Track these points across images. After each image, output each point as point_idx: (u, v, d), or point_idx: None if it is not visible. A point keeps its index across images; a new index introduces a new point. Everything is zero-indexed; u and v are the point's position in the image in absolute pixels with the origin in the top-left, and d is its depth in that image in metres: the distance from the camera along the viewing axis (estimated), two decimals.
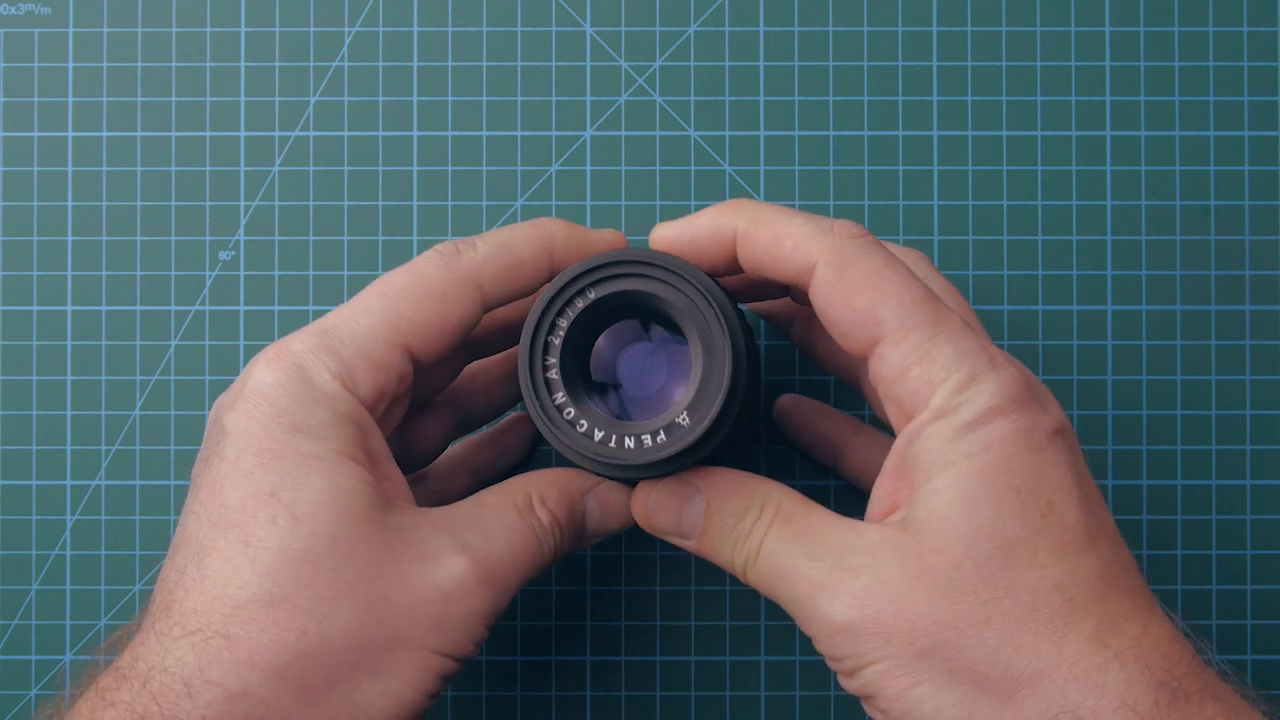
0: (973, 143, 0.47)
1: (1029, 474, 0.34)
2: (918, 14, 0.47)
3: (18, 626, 0.46)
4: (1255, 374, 0.47)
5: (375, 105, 0.47)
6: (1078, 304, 0.47)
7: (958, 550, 0.34)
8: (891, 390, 0.35)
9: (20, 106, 0.47)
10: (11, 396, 0.47)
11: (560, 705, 0.47)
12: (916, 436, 0.35)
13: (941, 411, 0.34)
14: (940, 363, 0.35)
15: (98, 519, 0.47)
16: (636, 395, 0.39)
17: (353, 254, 0.47)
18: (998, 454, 0.34)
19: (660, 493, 0.38)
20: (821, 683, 0.46)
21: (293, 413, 0.35)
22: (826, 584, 0.35)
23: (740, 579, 0.37)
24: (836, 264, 0.35)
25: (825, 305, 0.36)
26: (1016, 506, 0.34)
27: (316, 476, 0.34)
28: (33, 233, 0.47)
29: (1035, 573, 0.33)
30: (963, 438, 0.34)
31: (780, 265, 0.36)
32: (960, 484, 0.34)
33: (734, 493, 0.37)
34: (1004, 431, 0.34)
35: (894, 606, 0.34)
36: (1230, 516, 0.46)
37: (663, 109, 0.47)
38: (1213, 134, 0.47)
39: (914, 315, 0.35)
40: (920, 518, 0.34)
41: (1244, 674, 0.46)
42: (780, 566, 0.36)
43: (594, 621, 0.47)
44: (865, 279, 0.35)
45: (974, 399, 0.34)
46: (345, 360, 0.36)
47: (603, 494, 0.40)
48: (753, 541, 0.36)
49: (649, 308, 0.37)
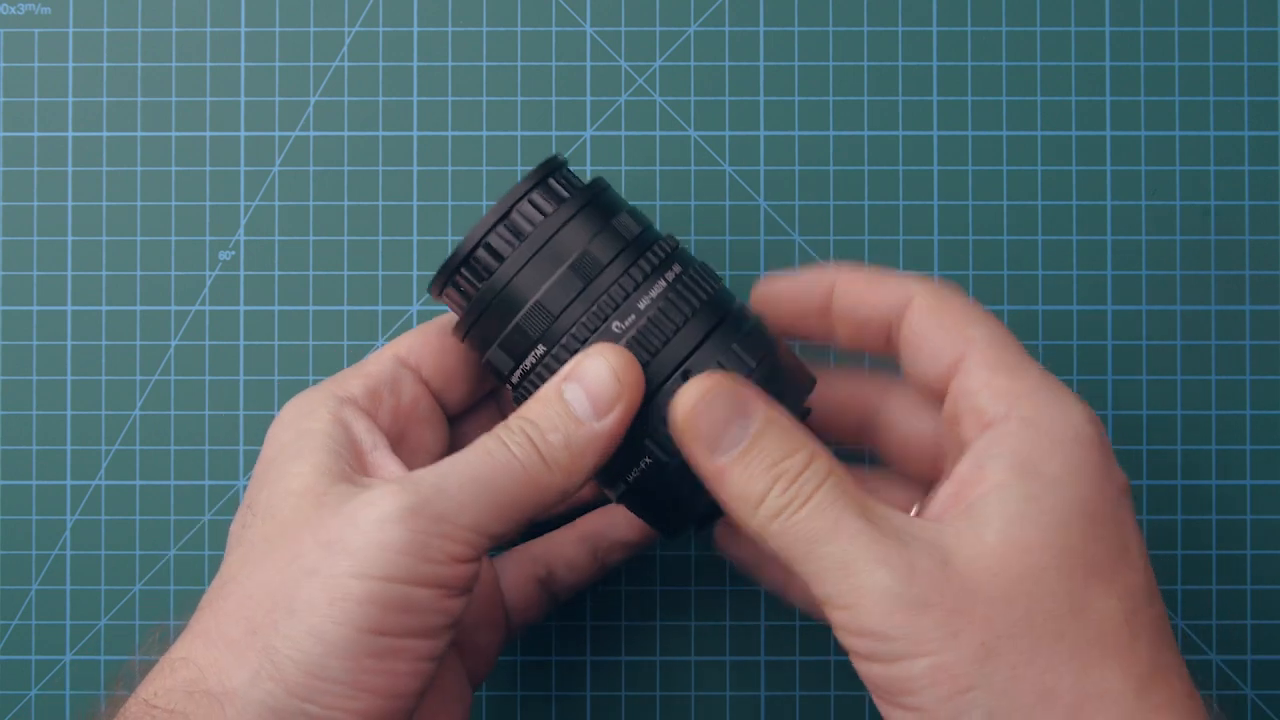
0: (973, 143, 0.47)
1: (1111, 512, 0.34)
2: (918, 14, 0.47)
3: (18, 626, 0.46)
4: (1255, 374, 0.47)
5: (375, 105, 0.47)
6: (1078, 304, 0.47)
7: (1044, 558, 0.33)
8: (975, 400, 0.36)
9: (20, 106, 0.47)
10: (11, 396, 0.47)
11: (560, 705, 0.47)
12: (1001, 441, 0.34)
13: (1031, 423, 0.35)
14: (1027, 380, 0.35)
15: (98, 519, 0.47)
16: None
17: (353, 254, 0.47)
18: (1087, 483, 0.34)
19: (718, 392, 0.35)
20: (822, 683, 0.46)
21: (282, 439, 0.37)
22: (892, 555, 0.32)
23: (756, 525, 0.34)
24: (933, 292, 0.38)
25: (919, 325, 0.37)
26: (1101, 537, 0.34)
27: (280, 480, 0.36)
28: (33, 233, 0.47)
29: (1111, 602, 0.33)
30: (1054, 454, 0.34)
31: (879, 298, 0.38)
32: (1051, 498, 0.33)
33: (789, 430, 0.35)
34: (1094, 465, 0.34)
35: (970, 598, 0.32)
36: (1230, 516, 0.46)
37: (663, 109, 0.47)
38: (1213, 134, 0.47)
39: (1002, 339, 0.37)
40: (1003, 516, 0.33)
41: (1244, 674, 0.46)
42: (833, 524, 0.33)
43: (594, 621, 0.47)
44: (959, 306, 0.37)
45: (1065, 420, 0.35)
46: (343, 379, 0.39)
47: (581, 372, 0.36)
48: (802, 489, 0.34)
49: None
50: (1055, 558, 0.33)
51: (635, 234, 0.38)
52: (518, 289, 0.37)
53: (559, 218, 0.37)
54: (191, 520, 0.47)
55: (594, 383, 0.36)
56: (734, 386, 0.35)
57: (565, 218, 0.37)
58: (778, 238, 0.47)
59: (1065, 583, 0.33)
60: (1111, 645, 0.33)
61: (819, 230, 0.47)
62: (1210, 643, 0.46)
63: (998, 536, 0.33)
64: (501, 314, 0.37)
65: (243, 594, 0.34)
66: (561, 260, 0.37)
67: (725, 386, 0.35)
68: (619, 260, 0.37)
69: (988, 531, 0.33)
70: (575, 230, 0.37)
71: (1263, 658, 0.46)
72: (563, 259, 0.37)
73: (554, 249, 0.37)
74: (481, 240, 0.37)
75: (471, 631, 0.41)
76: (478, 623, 0.42)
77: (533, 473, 0.35)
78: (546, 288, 0.37)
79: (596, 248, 0.37)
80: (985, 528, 0.33)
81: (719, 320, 0.37)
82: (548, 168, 0.38)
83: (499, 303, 0.37)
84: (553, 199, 0.37)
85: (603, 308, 0.37)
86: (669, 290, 0.37)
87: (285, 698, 0.33)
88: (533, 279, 0.37)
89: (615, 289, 0.37)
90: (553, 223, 0.37)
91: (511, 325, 0.37)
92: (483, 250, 0.37)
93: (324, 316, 0.47)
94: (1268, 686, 0.46)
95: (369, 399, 0.38)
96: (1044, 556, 0.33)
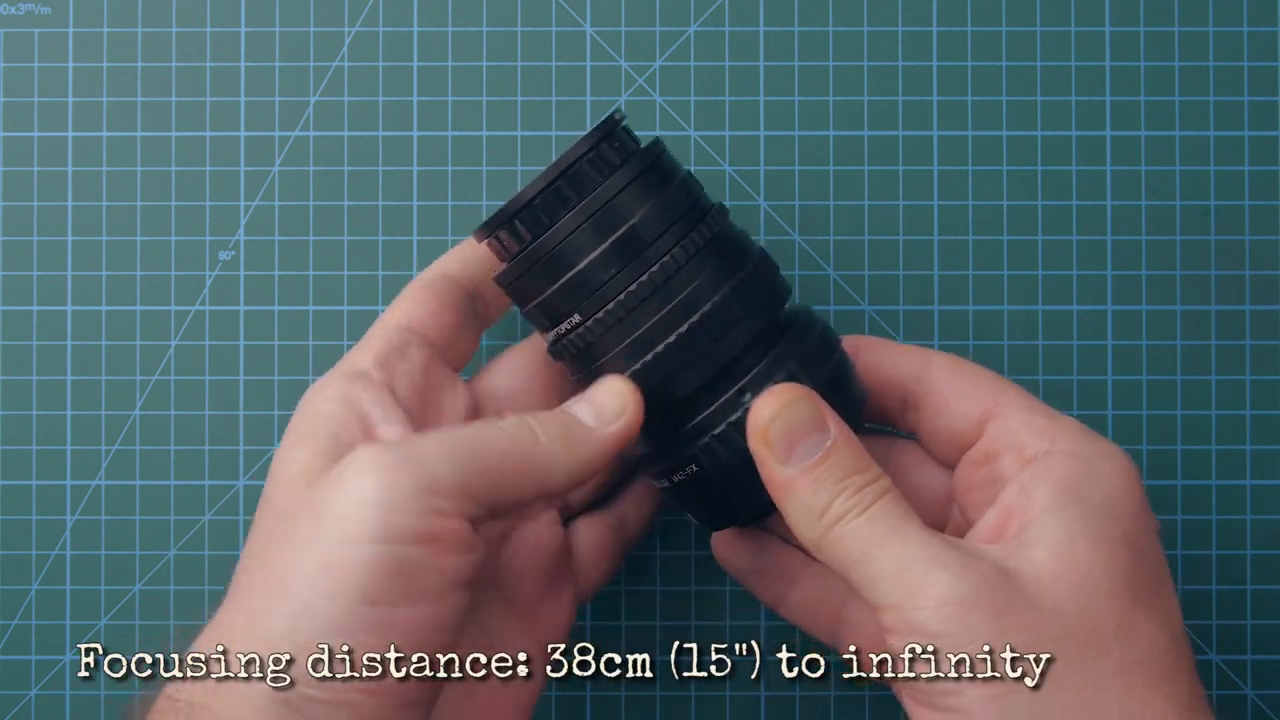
0: (973, 143, 0.47)
1: (1150, 545, 0.36)
2: (918, 14, 0.47)
3: (18, 626, 0.46)
4: (1255, 374, 0.47)
5: (375, 105, 0.47)
6: (1078, 304, 0.47)
7: (1094, 576, 0.34)
8: (1016, 437, 0.37)
9: (20, 106, 0.47)
10: (11, 396, 0.47)
11: (560, 705, 0.47)
12: (1048, 471, 0.36)
13: (1075, 455, 0.36)
14: (1065, 421, 0.38)
15: (98, 519, 0.47)
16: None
17: (353, 254, 0.47)
18: (1130, 515, 0.35)
19: (796, 408, 0.36)
20: (821, 683, 0.46)
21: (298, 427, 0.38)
22: (949, 558, 0.34)
23: (816, 535, 0.35)
24: (955, 357, 0.40)
25: (947, 381, 0.39)
26: (1144, 566, 0.35)
27: (283, 467, 0.37)
28: (33, 233, 0.47)
29: (1154, 627, 0.34)
30: (1098, 485, 0.35)
31: (902, 358, 0.40)
32: (1098, 524, 0.35)
33: (859, 450, 0.36)
34: (1135, 499, 0.36)
35: (1022, 603, 0.33)
36: (1230, 516, 0.46)
37: (663, 109, 0.47)
38: (1213, 134, 0.47)
39: (1029, 394, 0.39)
40: (1055, 537, 0.34)
41: (1244, 674, 0.46)
42: (891, 529, 0.34)
43: (594, 621, 0.47)
44: (981, 367, 0.40)
45: (1106, 455, 0.36)
46: (353, 356, 0.39)
47: (590, 395, 0.38)
48: (864, 497, 0.35)
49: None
50: (1104, 577, 0.34)
51: (687, 206, 0.38)
52: (576, 245, 0.37)
53: (616, 183, 0.37)
54: (191, 520, 0.47)
55: (601, 400, 0.37)
56: (813, 400, 0.36)
57: (622, 184, 0.37)
58: (778, 238, 0.47)
59: (1114, 602, 0.34)
60: (1155, 670, 0.33)
61: (819, 230, 0.47)
62: (1210, 643, 0.46)
63: (1048, 553, 0.34)
64: (546, 275, 0.37)
65: (244, 584, 0.35)
66: (612, 229, 0.37)
67: (805, 399, 0.36)
68: (669, 234, 0.37)
69: (1039, 549, 0.34)
70: (629, 198, 0.37)
71: (1263, 658, 0.46)
72: (613, 228, 0.37)
73: (607, 215, 0.37)
74: (539, 195, 0.37)
75: (536, 601, 0.41)
76: (541, 592, 0.42)
77: (525, 448, 0.35)
78: (593, 258, 0.37)
79: (646, 218, 0.37)
80: (1036, 546, 0.34)
81: (776, 321, 0.38)
82: (608, 126, 0.38)
83: (546, 263, 0.37)
84: (611, 160, 0.37)
85: (650, 281, 0.37)
86: (732, 286, 0.37)
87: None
88: (591, 238, 0.37)
89: (663, 265, 0.37)
90: (611, 187, 0.37)
91: (553, 289, 0.37)
92: (538, 205, 0.37)
93: (324, 316, 0.47)
94: (1268, 686, 0.46)
95: (382, 369, 0.38)
96: (1093, 575, 0.34)
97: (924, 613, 0.33)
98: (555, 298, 0.37)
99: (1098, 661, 0.33)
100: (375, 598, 0.32)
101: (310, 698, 0.32)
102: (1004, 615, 0.33)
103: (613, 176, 0.37)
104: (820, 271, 0.47)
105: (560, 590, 0.42)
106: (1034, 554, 0.34)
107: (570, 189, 0.37)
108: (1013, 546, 0.35)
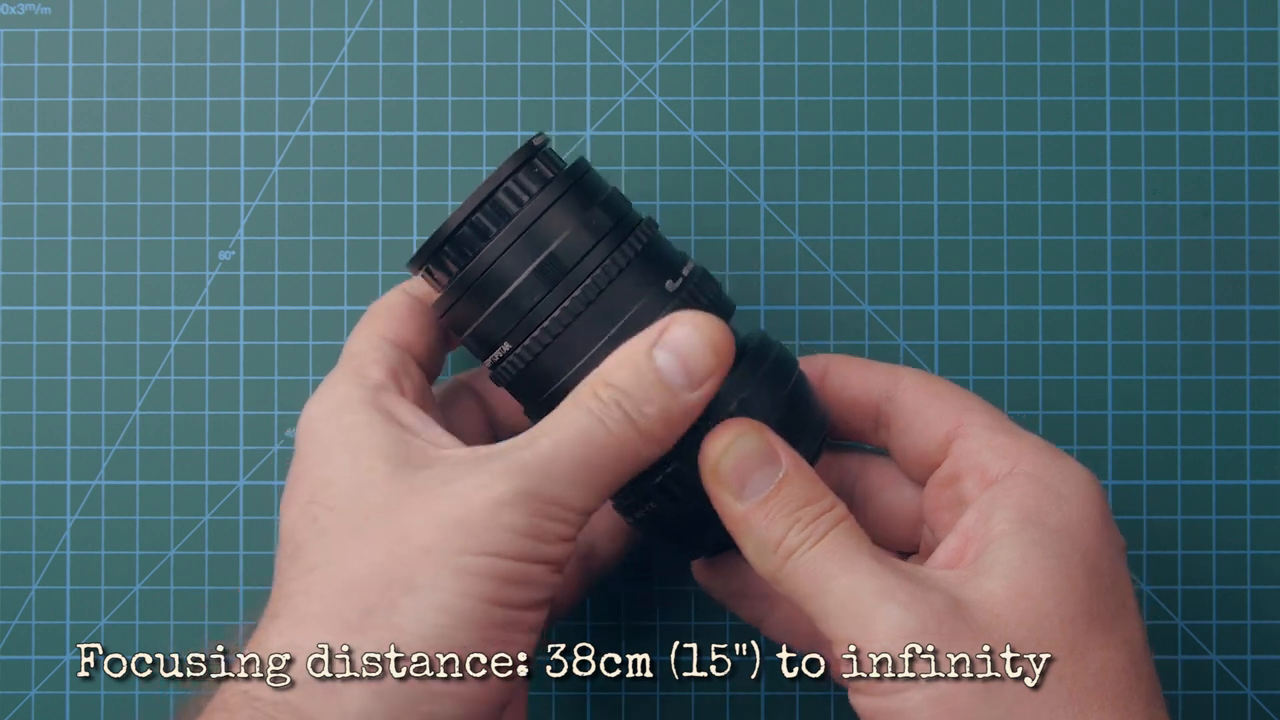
0: (973, 143, 0.47)
1: (1110, 567, 0.35)
2: (918, 14, 0.47)
3: (18, 626, 0.46)
4: (1255, 374, 0.47)
5: (375, 105, 0.47)
6: (1078, 304, 0.47)
7: (1047, 603, 0.34)
8: (978, 458, 0.37)
9: (20, 106, 0.47)
10: (11, 396, 0.47)
11: (560, 705, 0.47)
12: (1007, 494, 0.36)
13: (1034, 478, 0.36)
14: (1028, 441, 0.37)
15: (98, 519, 0.47)
16: None
17: (353, 254, 0.47)
18: (1090, 537, 0.35)
19: (745, 442, 0.36)
20: (821, 682, 0.46)
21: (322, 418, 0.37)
22: (899, 590, 0.34)
23: (771, 568, 0.35)
24: (923, 374, 0.40)
25: (913, 400, 0.39)
26: (1102, 589, 0.35)
27: (352, 472, 0.36)
28: (33, 233, 0.47)
29: (1109, 652, 0.34)
30: (1057, 507, 0.35)
31: (869, 378, 0.40)
32: (1055, 547, 0.35)
33: (812, 479, 0.36)
34: (1096, 520, 0.36)
35: (971, 633, 0.33)
36: (1230, 516, 0.46)
37: (663, 109, 0.47)
38: (1213, 134, 0.47)
39: (995, 411, 0.39)
40: (1009, 563, 0.34)
41: (1244, 674, 0.46)
42: (843, 560, 0.34)
43: (594, 622, 0.47)
44: (949, 385, 0.40)
45: (1067, 476, 0.36)
46: (362, 369, 0.38)
47: (675, 339, 0.36)
48: (816, 529, 0.35)
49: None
50: (1058, 604, 0.34)
51: (613, 222, 0.38)
52: (504, 267, 0.37)
53: (543, 201, 0.37)
54: (191, 520, 0.47)
55: (689, 353, 0.36)
56: (761, 433, 0.36)
57: (549, 200, 0.37)
58: (778, 238, 0.47)
59: (1067, 628, 0.34)
60: (1110, 694, 0.33)
61: (819, 230, 0.47)
62: (1210, 643, 0.46)
63: (1001, 581, 0.34)
64: (479, 300, 0.37)
65: (345, 578, 0.34)
66: (541, 248, 0.37)
67: (753, 432, 0.36)
68: (598, 249, 0.37)
69: (992, 577, 0.34)
70: (560, 212, 0.37)
71: (1263, 658, 0.46)
72: (543, 246, 0.37)
73: (539, 230, 0.37)
74: (465, 221, 0.37)
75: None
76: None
77: (630, 448, 0.35)
78: (522, 279, 0.37)
79: (571, 238, 0.37)
80: (989, 574, 0.34)
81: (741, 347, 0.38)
82: (531, 149, 0.38)
83: (477, 288, 0.37)
84: (537, 181, 0.37)
85: (582, 296, 0.37)
86: (667, 295, 0.37)
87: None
88: (519, 258, 0.37)
89: (593, 279, 0.37)
90: (538, 205, 0.37)
91: (485, 315, 0.37)
92: (466, 230, 0.37)
93: (324, 316, 0.47)
94: (1268, 686, 0.46)
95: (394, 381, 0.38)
96: (1046, 602, 0.34)
97: (875, 645, 0.33)
98: (488, 324, 0.37)
99: (1053, 689, 0.33)
100: (503, 602, 0.34)
101: (434, 691, 0.33)
102: (953, 647, 0.33)
103: (534, 199, 0.37)
104: (820, 271, 0.47)
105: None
106: (986, 582, 0.34)
107: (491, 216, 0.37)
108: (967, 574, 0.35)
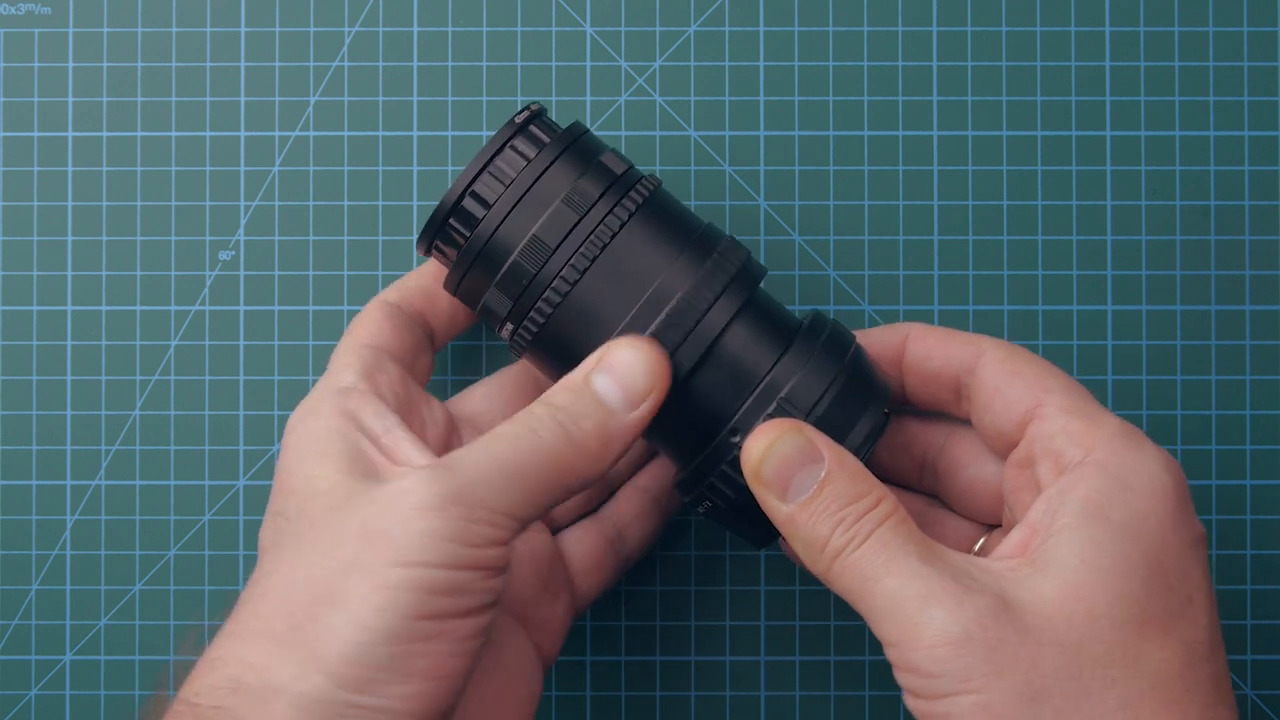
0: (973, 143, 0.47)
1: (1177, 561, 0.35)
2: (918, 14, 0.47)
3: (18, 626, 0.46)
4: (1255, 374, 0.47)
5: (375, 105, 0.47)
6: (1078, 304, 0.47)
7: (1100, 605, 0.33)
8: (1052, 444, 0.36)
9: (20, 106, 0.47)
10: (11, 396, 0.47)
11: (560, 705, 0.47)
12: (1075, 486, 0.35)
13: (1105, 468, 0.35)
14: (1105, 427, 0.36)
15: (98, 519, 0.47)
16: None
17: (353, 254, 0.47)
18: (1155, 532, 0.34)
19: (785, 443, 0.36)
20: (821, 683, 0.46)
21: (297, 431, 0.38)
22: (944, 593, 0.33)
23: (821, 569, 0.35)
24: (1006, 346, 0.39)
25: (993, 376, 0.38)
26: (1163, 587, 0.34)
27: (306, 482, 0.36)
28: (33, 233, 0.47)
29: (1164, 654, 0.33)
30: (1124, 501, 0.35)
31: (951, 350, 0.39)
32: (1116, 545, 0.34)
33: (857, 475, 0.36)
34: (1165, 514, 0.35)
35: (1018, 638, 0.33)
36: (1230, 516, 0.46)
37: (663, 109, 0.47)
38: (1213, 134, 0.47)
39: (1078, 390, 0.38)
40: (1065, 562, 0.34)
41: (1244, 674, 0.46)
42: (889, 561, 0.34)
43: (594, 622, 0.47)
44: (1032, 360, 0.38)
45: (1139, 466, 0.35)
46: (336, 373, 0.38)
47: (613, 362, 0.36)
48: (862, 528, 0.35)
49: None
50: (1111, 605, 0.33)
51: (613, 178, 0.38)
52: (509, 231, 0.37)
53: (541, 162, 0.37)
54: (191, 520, 0.47)
55: (625, 374, 0.36)
56: (802, 431, 0.36)
57: (548, 161, 0.37)
58: (778, 238, 0.47)
59: (1118, 631, 0.33)
60: (1164, 698, 0.33)
61: (819, 230, 0.47)
62: None
63: (1056, 581, 0.34)
64: (486, 269, 0.37)
65: (282, 591, 0.34)
66: (543, 208, 0.37)
67: (793, 432, 0.36)
68: (600, 204, 0.37)
69: (1048, 576, 0.34)
70: (559, 172, 0.37)
71: (1263, 658, 0.46)
72: (551, 198, 0.37)
73: (540, 191, 0.37)
74: (467, 189, 0.37)
75: (532, 605, 0.41)
76: (537, 596, 0.42)
77: (564, 459, 0.35)
78: (525, 240, 0.37)
79: (585, 183, 0.37)
80: (1046, 572, 0.34)
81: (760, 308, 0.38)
82: (527, 116, 0.38)
83: (482, 257, 0.37)
84: (534, 145, 0.38)
85: (587, 251, 0.37)
86: (705, 267, 0.37)
87: (333, 689, 0.32)
88: (522, 220, 0.37)
89: (597, 233, 0.37)
90: (536, 167, 0.37)
91: (494, 283, 0.37)
92: (469, 199, 0.37)
93: (324, 316, 0.47)
94: (1268, 686, 0.46)
95: (368, 382, 0.38)
96: (1099, 604, 0.33)
97: (919, 654, 0.33)
98: (498, 291, 0.38)
99: (1102, 694, 0.33)
100: (426, 614, 0.33)
101: (356, 704, 0.33)
102: (998, 653, 0.32)
103: (532, 162, 0.37)
104: (820, 271, 0.47)
105: (555, 596, 0.42)
106: (1040, 581, 0.34)
107: (490, 183, 0.37)
108: (1024, 571, 0.34)
